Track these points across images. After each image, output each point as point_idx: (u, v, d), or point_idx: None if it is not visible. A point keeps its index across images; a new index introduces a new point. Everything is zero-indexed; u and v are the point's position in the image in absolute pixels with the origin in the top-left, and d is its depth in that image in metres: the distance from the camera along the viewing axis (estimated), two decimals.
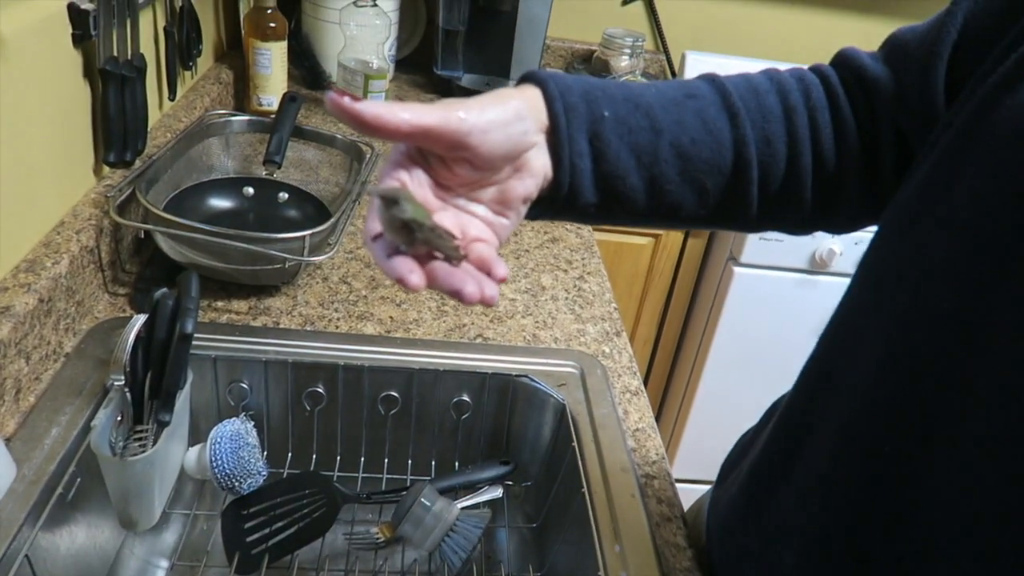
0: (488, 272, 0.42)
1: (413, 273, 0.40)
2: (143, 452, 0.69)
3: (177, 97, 1.11)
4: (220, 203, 1.01)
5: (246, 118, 1.09)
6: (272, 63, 1.29)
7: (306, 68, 1.51)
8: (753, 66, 0.55)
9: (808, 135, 0.52)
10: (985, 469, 0.40)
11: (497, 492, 0.84)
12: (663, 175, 0.50)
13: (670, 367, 1.72)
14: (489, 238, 0.46)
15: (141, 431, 0.71)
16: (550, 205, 0.49)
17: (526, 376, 0.84)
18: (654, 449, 0.78)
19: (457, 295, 0.39)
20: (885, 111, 0.52)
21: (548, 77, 0.48)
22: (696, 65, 1.67)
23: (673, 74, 1.81)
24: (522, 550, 0.85)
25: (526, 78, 0.49)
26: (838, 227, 0.57)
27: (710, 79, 0.53)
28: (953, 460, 0.41)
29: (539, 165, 0.47)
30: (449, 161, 0.44)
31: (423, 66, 1.66)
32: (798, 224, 0.56)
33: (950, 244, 0.42)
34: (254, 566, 0.72)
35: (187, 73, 1.17)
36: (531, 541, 0.85)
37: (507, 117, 0.44)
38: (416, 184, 0.44)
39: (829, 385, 0.51)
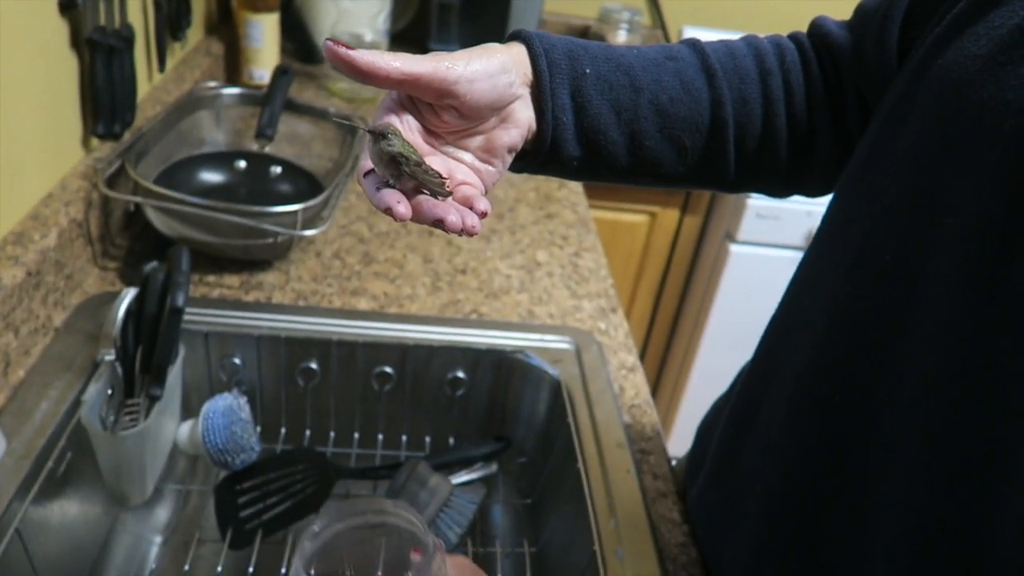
0: (470, 208, 0.44)
1: (400, 204, 0.42)
2: (134, 427, 0.68)
3: (167, 69, 1.09)
4: (211, 177, 1.00)
5: (237, 91, 1.07)
6: (264, 36, 1.26)
7: (298, 42, 1.49)
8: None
9: (782, 96, 0.54)
10: (924, 413, 0.41)
11: (492, 468, 0.84)
12: (643, 131, 0.52)
13: (666, 344, 1.72)
14: (475, 182, 0.48)
15: (132, 405, 0.71)
16: (535, 157, 0.51)
17: (521, 352, 0.84)
18: (650, 425, 0.78)
19: (440, 224, 0.42)
20: (848, 74, 0.54)
21: (533, 35, 0.50)
22: None
23: None
24: (517, 525, 0.85)
25: (513, 36, 0.51)
26: (813, 190, 0.59)
27: (691, 43, 0.55)
28: (895, 406, 0.43)
29: (524, 117, 0.49)
30: (438, 108, 0.47)
31: (417, 40, 1.64)
32: (775, 185, 0.58)
33: (890, 198, 0.45)
34: (247, 541, 0.72)
35: (177, 44, 1.15)
36: (525, 516, 0.85)
37: (492, 68, 0.47)
38: (406, 129, 0.47)
39: (787, 342, 0.54)
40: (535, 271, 0.99)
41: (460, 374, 0.85)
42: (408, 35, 1.67)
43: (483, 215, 0.45)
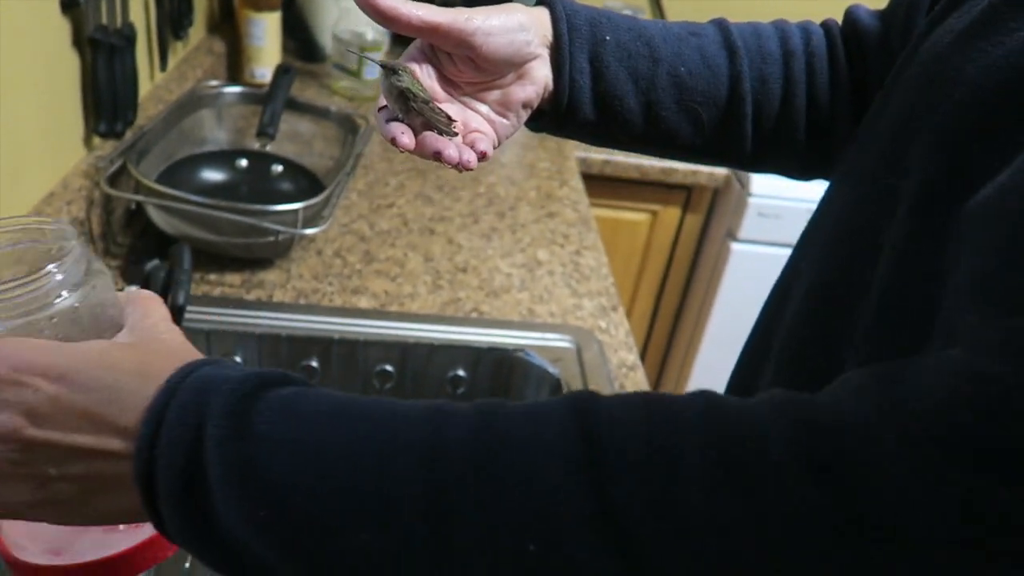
0: (472, 147, 0.47)
1: (404, 135, 0.46)
2: None
3: (168, 68, 1.10)
4: (213, 176, 1.00)
5: (238, 90, 1.07)
6: (265, 34, 1.27)
7: (300, 40, 1.49)
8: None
9: (804, 79, 0.55)
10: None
11: None
12: (659, 101, 0.53)
13: (667, 343, 1.72)
14: (488, 132, 0.51)
15: None
16: (552, 117, 0.53)
17: (522, 351, 0.84)
18: None
19: (438, 156, 0.46)
20: (875, 64, 0.54)
21: (559, 1, 0.52)
22: None
23: None
24: None
25: (540, 1, 0.52)
26: (831, 175, 0.59)
27: (717, 21, 0.56)
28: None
29: (541, 75, 0.51)
30: (456, 59, 0.49)
31: None
32: (793, 167, 0.59)
33: (866, 171, 0.46)
34: None
35: (179, 43, 1.15)
36: None
37: (511, 25, 0.49)
38: (425, 75, 0.49)
39: (777, 321, 0.54)
40: (536, 270, 1.00)
41: (461, 373, 0.85)
42: None
43: (482, 155, 0.48)
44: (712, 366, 1.60)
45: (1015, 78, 0.38)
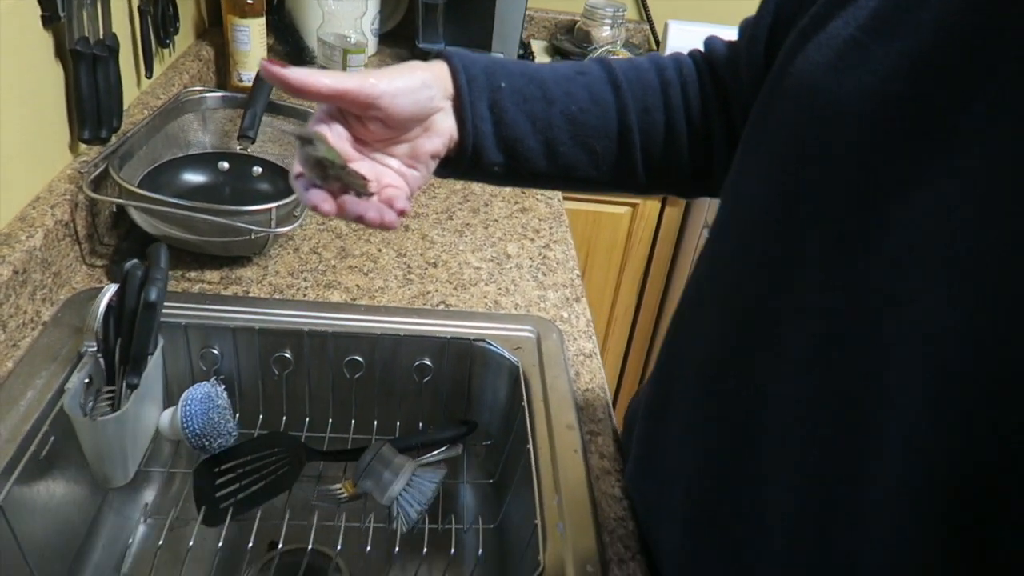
0: (391, 206, 0.50)
1: (326, 202, 0.49)
2: (112, 413, 0.73)
3: (155, 75, 1.14)
4: (195, 177, 1.05)
5: (220, 94, 1.12)
6: (251, 39, 1.31)
7: (290, 44, 1.54)
8: (736, 35, 0.62)
9: (681, 104, 0.60)
10: (803, 387, 0.46)
11: (458, 450, 0.88)
12: (556, 139, 0.58)
13: (651, 333, 1.75)
14: (400, 186, 0.54)
15: (112, 393, 0.76)
16: (459, 164, 0.57)
17: (483, 340, 0.88)
18: (601, 408, 0.82)
19: (361, 220, 0.49)
20: (734, 88, 0.59)
21: (454, 53, 0.56)
22: (679, 35, 1.68)
23: (657, 44, 1.82)
24: (483, 504, 0.90)
25: (438, 55, 0.56)
26: (716, 191, 0.64)
27: (599, 60, 0.61)
28: (780, 380, 0.47)
29: (445, 127, 0.55)
30: (365, 120, 0.52)
31: (407, 39, 1.68)
32: (682, 187, 0.64)
33: (759, 195, 0.49)
34: (220, 519, 0.77)
35: (165, 51, 1.20)
36: (491, 496, 0.89)
37: (414, 85, 0.52)
38: (335, 137, 0.52)
39: (687, 333, 0.58)
40: (504, 263, 1.04)
41: (427, 361, 0.89)
42: (398, 34, 1.72)
43: (401, 213, 0.50)
44: None
45: (892, 101, 0.42)
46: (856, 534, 0.43)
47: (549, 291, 0.99)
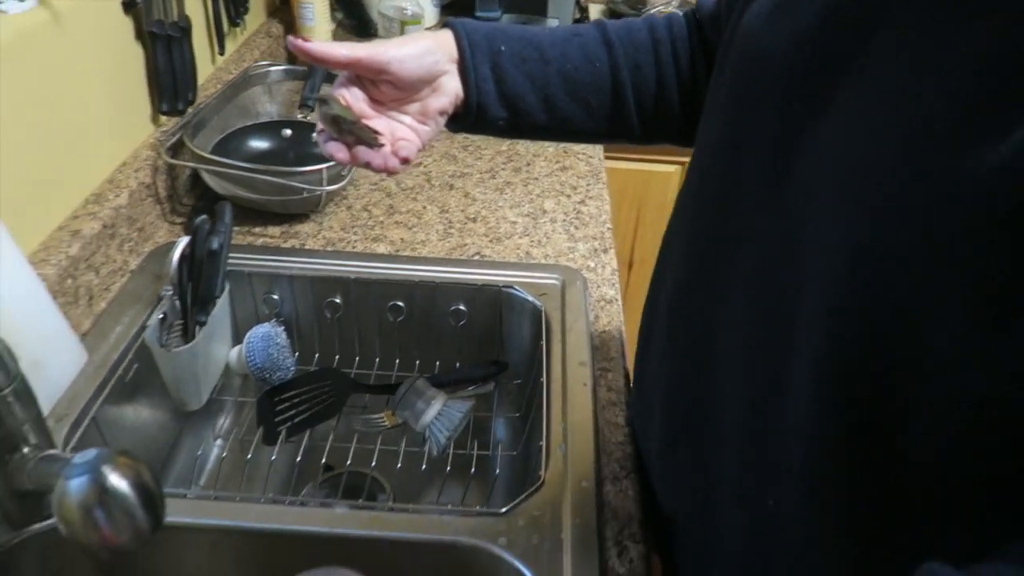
0: (400, 156, 0.59)
1: (340, 151, 0.58)
2: (184, 345, 0.86)
3: (227, 52, 1.26)
4: (260, 144, 1.16)
5: (284, 67, 1.23)
6: (315, 15, 1.42)
7: (356, 18, 1.64)
8: None
9: (671, 60, 0.65)
10: (747, 304, 0.52)
11: (489, 387, 0.97)
12: (554, 95, 0.65)
13: None
14: (412, 138, 0.62)
15: (184, 329, 0.88)
16: (465, 119, 0.65)
17: (511, 287, 0.96)
18: (615, 348, 0.89)
19: (368, 166, 0.58)
20: (716, 43, 0.63)
21: (458, 22, 0.64)
22: None
23: None
24: (510, 435, 0.99)
25: (444, 24, 0.64)
26: None
27: (596, 22, 0.67)
28: (729, 301, 0.53)
29: (451, 87, 0.63)
30: (378, 83, 0.61)
31: (467, 9, 1.75)
32: (675, 137, 0.69)
33: (714, 135, 0.55)
34: (276, 438, 0.88)
35: (236, 29, 1.32)
36: (518, 428, 0.98)
37: (419, 51, 0.60)
38: (353, 99, 0.61)
39: (662, 265, 0.65)
40: (540, 218, 1.11)
41: (461, 307, 0.98)
42: (457, 4, 1.79)
43: (404, 160, 0.60)
44: None
45: (806, 43, 0.47)
46: (782, 439, 0.50)
47: (579, 243, 1.06)
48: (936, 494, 0.44)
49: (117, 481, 0.45)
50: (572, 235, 1.07)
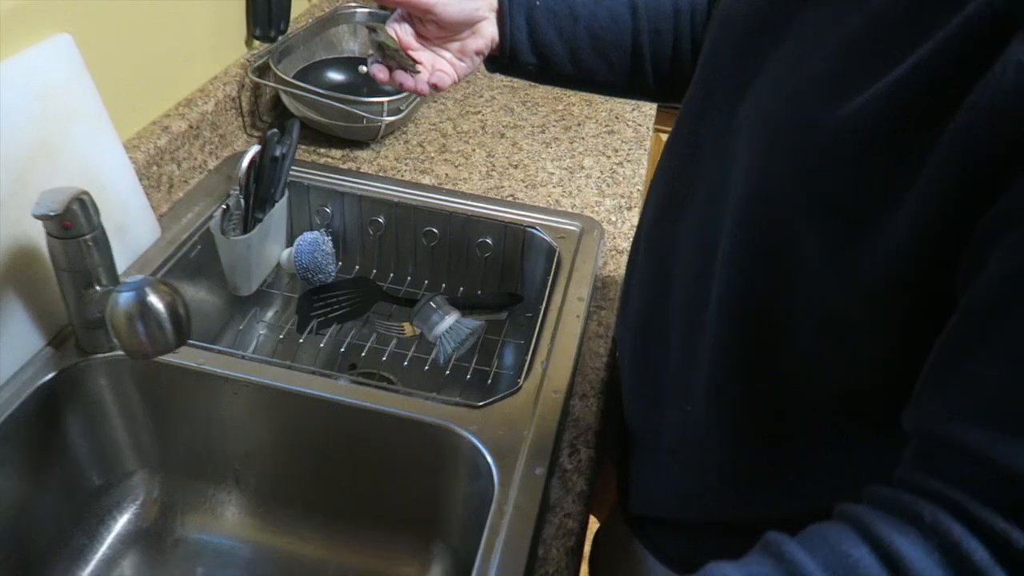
0: (434, 83, 0.71)
1: (381, 71, 0.70)
2: (242, 236, 0.99)
3: None
4: (337, 76, 1.29)
5: (368, 10, 1.35)
6: None
7: None
8: None
9: (688, 28, 0.73)
10: (691, 244, 0.60)
11: (502, 316, 1.08)
12: (579, 48, 0.74)
13: None
14: (449, 71, 0.73)
15: (245, 223, 1.02)
16: (499, 61, 0.75)
17: (534, 227, 1.06)
18: (614, 292, 0.98)
19: (402, 86, 0.70)
20: None
21: None
22: None
23: None
24: (513, 360, 1.09)
25: None
26: None
27: None
28: (682, 247, 0.62)
29: (489, 32, 0.73)
30: (424, 21, 0.70)
31: None
32: None
33: (691, 99, 0.63)
34: (305, 328, 1.01)
35: None
36: (521, 355, 1.08)
37: None
38: (402, 32, 0.71)
39: (647, 203, 0.73)
40: (576, 172, 1.20)
41: (488, 240, 1.09)
42: None
43: (434, 86, 0.71)
44: None
45: (758, 5, 0.55)
46: (702, 347, 0.59)
47: (607, 199, 1.14)
48: (807, 401, 0.53)
49: (155, 301, 0.58)
50: (603, 191, 1.16)
